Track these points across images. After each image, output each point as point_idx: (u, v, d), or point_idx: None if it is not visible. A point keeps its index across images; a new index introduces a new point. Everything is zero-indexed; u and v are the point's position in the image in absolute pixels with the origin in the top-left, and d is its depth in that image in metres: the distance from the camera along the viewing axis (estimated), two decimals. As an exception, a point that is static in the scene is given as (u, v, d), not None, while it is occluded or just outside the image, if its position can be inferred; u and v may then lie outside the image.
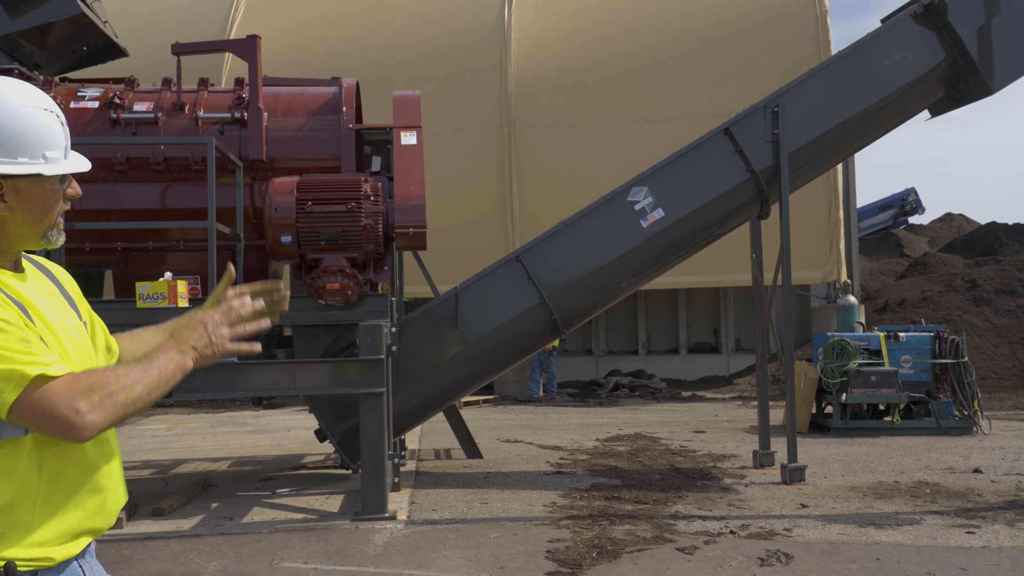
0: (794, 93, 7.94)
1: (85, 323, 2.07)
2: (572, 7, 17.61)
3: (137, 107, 7.69)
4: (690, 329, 18.68)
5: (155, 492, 7.76)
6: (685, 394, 16.10)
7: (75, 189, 2.01)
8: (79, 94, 7.71)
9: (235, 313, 2.08)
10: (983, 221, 33.14)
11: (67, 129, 1.99)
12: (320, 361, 7.13)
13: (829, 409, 10.96)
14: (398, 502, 7.11)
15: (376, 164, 7.89)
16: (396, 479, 7.53)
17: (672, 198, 7.86)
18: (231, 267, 2.14)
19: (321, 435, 8.11)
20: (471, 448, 9.34)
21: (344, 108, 7.83)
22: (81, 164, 1.99)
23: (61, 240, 2.01)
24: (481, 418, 12.90)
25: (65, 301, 2.03)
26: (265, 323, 2.14)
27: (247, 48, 7.64)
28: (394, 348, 7.36)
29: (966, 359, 10.76)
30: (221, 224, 6.96)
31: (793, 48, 15.89)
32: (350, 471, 8.34)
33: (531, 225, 14.49)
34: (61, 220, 2.00)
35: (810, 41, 16.13)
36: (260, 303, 2.13)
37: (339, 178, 7.34)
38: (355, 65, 14.11)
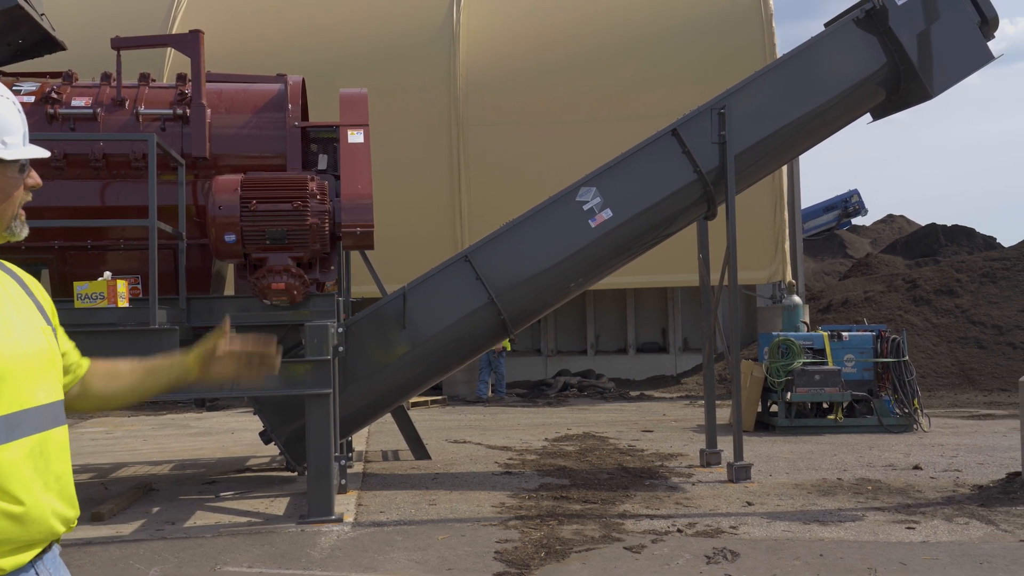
0: (740, 95, 8.03)
1: (54, 328, 2.03)
2: (521, 9, 17.62)
3: (75, 102, 7.50)
4: (638, 329, 18.81)
5: (94, 497, 7.57)
6: (633, 393, 16.20)
7: (35, 179, 1.99)
8: (14, 88, 7.49)
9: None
10: (923, 223, 33.94)
11: (24, 117, 1.96)
12: (265, 362, 7.00)
13: (775, 408, 11.11)
14: (345, 504, 7.03)
15: (323, 162, 7.79)
16: (343, 481, 7.45)
17: (620, 198, 7.90)
18: (227, 319, 2.25)
19: (266, 437, 7.99)
20: (419, 449, 9.28)
21: (290, 105, 7.72)
22: (39, 151, 1.97)
23: (24, 232, 1.98)
24: (429, 419, 12.84)
25: (32, 305, 1.99)
26: (254, 375, 2.27)
27: (190, 43, 7.50)
28: (341, 349, 7.28)
29: (907, 358, 10.98)
30: (162, 222, 6.82)
31: (740, 51, 16.08)
32: (296, 473, 8.23)
33: (480, 225, 14.46)
34: (23, 212, 1.97)
35: (756, 44, 16.34)
36: (248, 364, 2.25)
37: (285, 176, 7.24)
38: (300, 60, 13.95)
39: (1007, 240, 33.74)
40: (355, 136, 7.48)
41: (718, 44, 16.34)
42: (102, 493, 7.79)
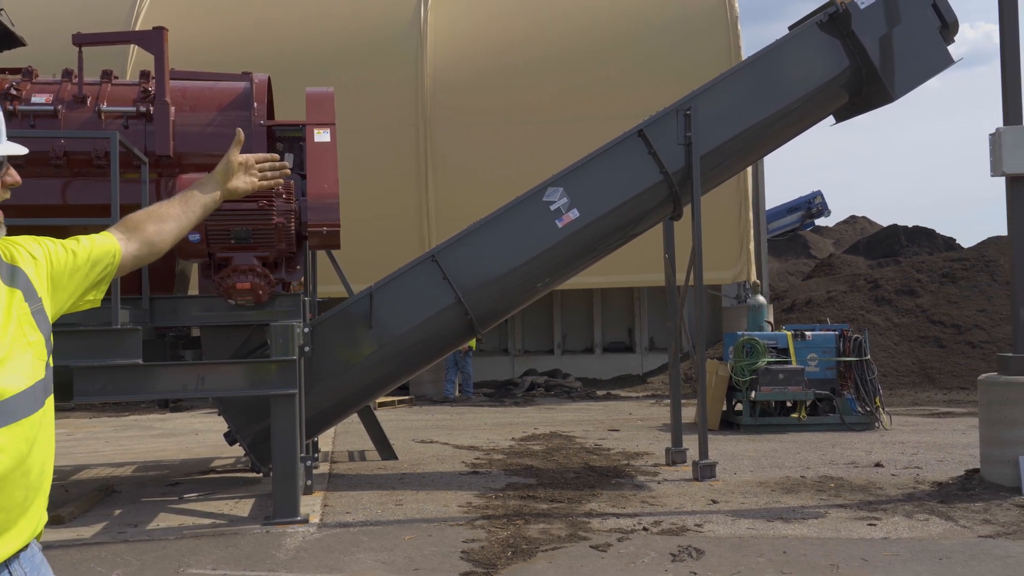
0: (706, 96, 8.09)
1: (40, 300, 1.99)
2: (489, 10, 17.61)
3: (35, 99, 7.38)
4: (605, 329, 18.88)
5: (54, 499, 7.43)
6: (600, 393, 16.26)
7: (13, 176, 1.96)
8: (-28, 84, 7.37)
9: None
10: (885, 224, 34.35)
11: (1, 114, 1.95)
12: (230, 362, 6.96)
13: (739, 406, 11.21)
14: (311, 505, 6.99)
15: (289, 161, 7.74)
16: (309, 482, 7.41)
17: (587, 199, 7.93)
18: (240, 132, 2.50)
19: (231, 438, 7.92)
20: (386, 449, 9.25)
21: (255, 104, 7.66)
22: (18, 148, 1.95)
23: (1, 232, 1.95)
24: (396, 419, 12.79)
25: (8, 305, 1.91)
26: (267, 182, 2.55)
27: (153, 40, 7.41)
28: (307, 349, 7.24)
29: (869, 357, 11.13)
30: (125, 221, 6.73)
31: (705, 53, 16.19)
32: (261, 474, 8.17)
33: (447, 224, 14.43)
34: (0, 212, 1.94)
35: (722, 46, 16.47)
36: (262, 170, 2.53)
37: (250, 174, 7.17)
38: (266, 58, 13.83)
39: (966, 241, 34.32)
40: (322, 135, 7.44)
41: (684, 46, 16.45)
42: (62, 496, 7.68)
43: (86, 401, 9.43)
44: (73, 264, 2.11)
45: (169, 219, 2.37)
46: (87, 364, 6.48)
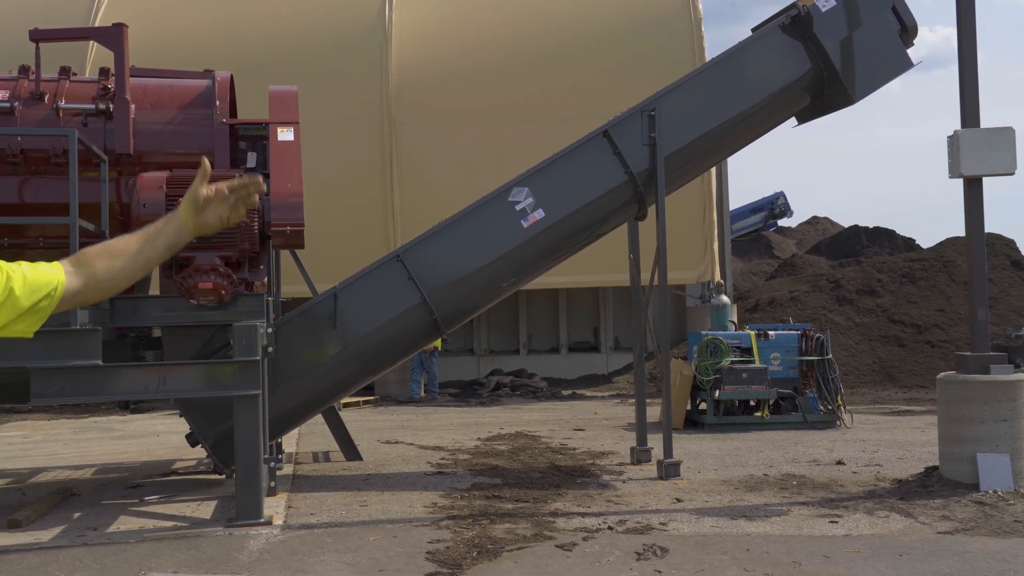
0: (670, 98, 8.14)
1: None
2: (454, 8, 17.59)
3: (-8, 95, 7.25)
4: (570, 328, 18.92)
5: (11, 503, 7.33)
6: (565, 393, 16.30)
7: None
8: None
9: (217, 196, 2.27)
10: (846, 224, 34.74)
11: None
12: (192, 363, 6.88)
13: (703, 405, 11.29)
14: (274, 507, 6.93)
15: (252, 160, 7.68)
16: (272, 483, 7.34)
17: (553, 199, 7.94)
18: (206, 162, 2.28)
19: (193, 439, 7.83)
20: (350, 450, 9.20)
21: (217, 102, 7.58)
22: None
23: None
24: (361, 419, 12.73)
25: None
26: (240, 213, 2.34)
27: (113, 36, 7.31)
28: (270, 349, 7.18)
29: (830, 356, 11.27)
30: (84, 220, 6.63)
31: (670, 54, 16.29)
32: (224, 476, 8.08)
33: (412, 224, 14.37)
34: None
35: (685, 47, 16.58)
36: (233, 198, 2.30)
37: (212, 174, 7.09)
38: (229, 56, 13.69)
39: (926, 242, 34.72)
40: (285, 134, 7.38)
41: (648, 48, 16.54)
42: (19, 499, 7.55)
43: (44, 403, 9.29)
44: (5, 286, 2.01)
45: (123, 256, 2.18)
46: (45, 365, 6.37)
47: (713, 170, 15.69)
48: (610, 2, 17.38)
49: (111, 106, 7.32)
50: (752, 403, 11.17)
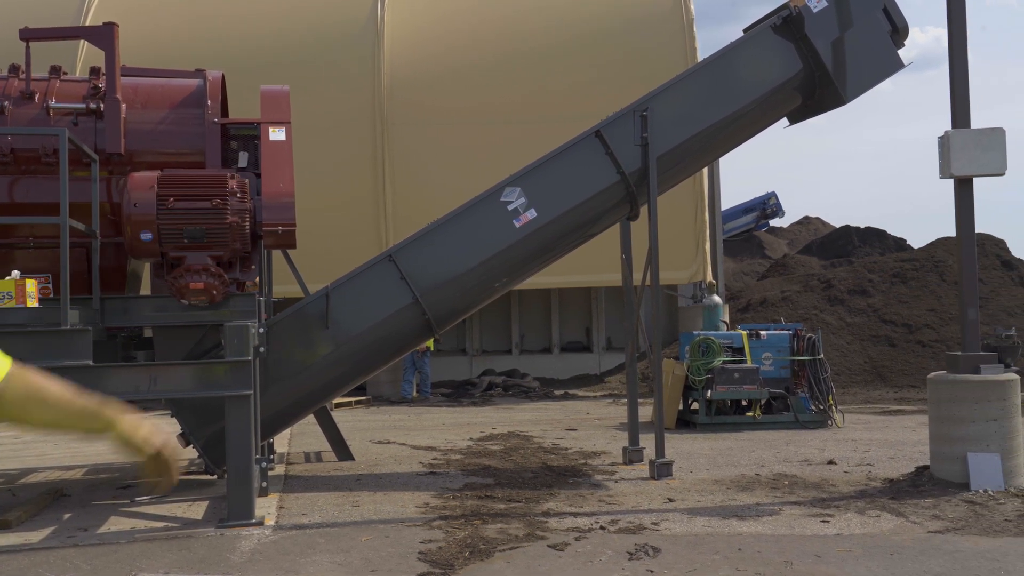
0: (662, 98, 8.15)
1: None
2: (447, 8, 17.57)
3: (-19, 94, 7.22)
4: (563, 328, 18.94)
5: (0, 504, 7.30)
6: (558, 392, 16.31)
7: None
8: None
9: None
10: (838, 224, 34.83)
11: None
12: (183, 363, 6.86)
13: (695, 405, 11.30)
14: (266, 507, 6.91)
15: (243, 160, 7.66)
16: (264, 484, 7.33)
17: (545, 199, 7.94)
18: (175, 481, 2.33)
19: (184, 440, 7.80)
20: (342, 450, 9.18)
21: (209, 101, 7.56)
22: None
23: None
24: (353, 420, 12.71)
25: None
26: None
27: (104, 36, 7.29)
28: (262, 349, 7.16)
29: (822, 356, 11.30)
30: (75, 220, 6.61)
31: (662, 54, 16.31)
32: (215, 476, 8.06)
33: (404, 224, 14.37)
34: None
35: (678, 47, 16.60)
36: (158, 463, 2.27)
37: (203, 174, 7.09)
38: (220, 55, 13.64)
39: (916, 242, 34.87)
40: (276, 133, 7.37)
41: (640, 48, 16.55)
42: (9, 500, 7.52)
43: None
44: None
45: (54, 408, 2.16)
46: (35, 366, 6.33)
47: (705, 170, 15.72)
48: (601, 3, 17.40)
49: (102, 105, 7.30)
50: (744, 403, 11.19)
